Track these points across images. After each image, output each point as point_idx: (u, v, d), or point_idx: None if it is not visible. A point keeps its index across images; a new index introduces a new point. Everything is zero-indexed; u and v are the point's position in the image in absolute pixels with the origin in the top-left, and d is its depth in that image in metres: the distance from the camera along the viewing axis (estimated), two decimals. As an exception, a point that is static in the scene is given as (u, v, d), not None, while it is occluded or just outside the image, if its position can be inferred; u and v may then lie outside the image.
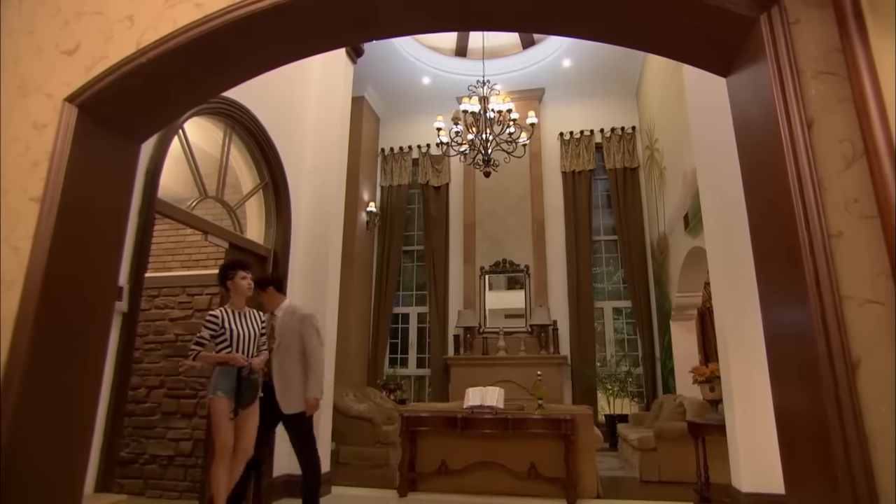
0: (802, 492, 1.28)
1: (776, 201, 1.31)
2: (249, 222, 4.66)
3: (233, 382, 3.26)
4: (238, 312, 3.43)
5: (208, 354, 3.31)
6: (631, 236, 8.86)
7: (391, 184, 9.99)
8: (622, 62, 8.87)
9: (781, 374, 1.35)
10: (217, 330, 3.32)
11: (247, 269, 3.51)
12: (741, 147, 1.52)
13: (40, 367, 1.60)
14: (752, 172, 1.46)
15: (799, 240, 1.20)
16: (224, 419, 3.20)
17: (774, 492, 3.74)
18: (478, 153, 6.92)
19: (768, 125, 1.32)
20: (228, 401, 3.24)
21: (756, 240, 1.47)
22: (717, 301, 4.34)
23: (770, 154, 1.32)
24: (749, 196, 1.49)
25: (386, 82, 9.65)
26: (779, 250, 1.33)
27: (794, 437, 1.30)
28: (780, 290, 1.33)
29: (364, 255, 9.44)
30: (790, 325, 1.31)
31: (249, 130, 4.32)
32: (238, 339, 3.33)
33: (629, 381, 8.36)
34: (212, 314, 3.37)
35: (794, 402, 1.30)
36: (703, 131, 4.56)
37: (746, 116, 1.46)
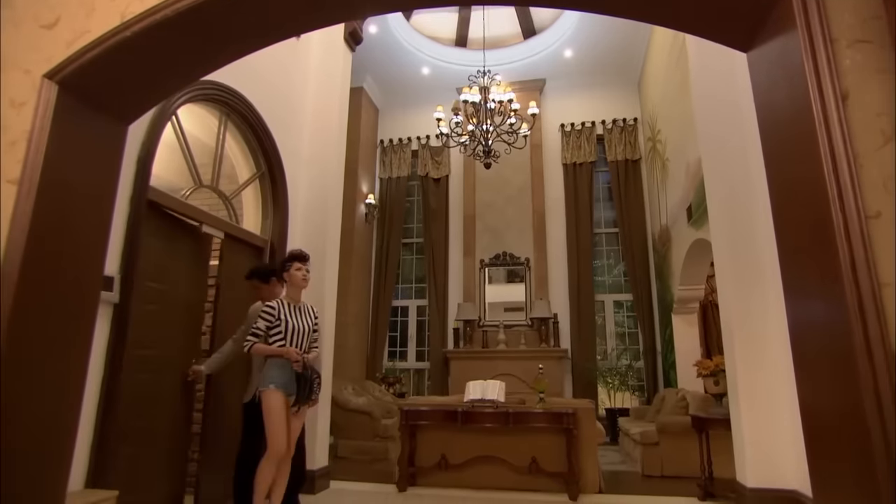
0: (832, 493, 1.19)
1: (805, 180, 1.22)
2: (246, 213, 4.57)
3: (287, 376, 3.16)
4: (294, 305, 3.36)
5: (262, 346, 3.22)
6: (632, 229, 8.78)
7: (390, 176, 9.88)
8: (624, 53, 8.76)
9: (809, 367, 1.27)
10: (273, 321, 3.24)
11: (303, 261, 3.43)
12: (764, 125, 1.43)
13: (19, 358, 1.51)
14: (776, 151, 1.36)
15: (832, 222, 1.11)
16: (277, 414, 3.09)
17: (781, 487, 3.68)
18: (478, 144, 6.81)
19: (797, 100, 1.23)
20: (283, 394, 3.14)
21: (780, 223, 1.38)
22: (722, 293, 4.26)
23: (799, 130, 1.23)
24: (772, 177, 1.40)
25: (385, 73, 9.52)
26: (807, 234, 1.24)
27: (824, 435, 1.22)
28: (809, 277, 1.24)
29: (363, 247, 9.34)
30: (820, 314, 1.22)
31: (245, 118, 4.22)
32: (293, 333, 3.24)
33: (630, 374, 8.29)
34: (268, 304, 3.29)
35: (823, 398, 1.22)
36: (709, 120, 4.47)
37: (771, 92, 1.36)
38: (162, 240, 3.35)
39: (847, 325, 1.07)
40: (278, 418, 3.09)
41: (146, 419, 3.18)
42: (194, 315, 3.69)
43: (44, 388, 1.59)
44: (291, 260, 3.39)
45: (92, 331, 1.81)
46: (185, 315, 3.60)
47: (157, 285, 3.31)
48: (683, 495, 4.22)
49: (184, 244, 3.56)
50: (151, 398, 3.22)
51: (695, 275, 6.80)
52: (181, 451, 3.48)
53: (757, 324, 3.90)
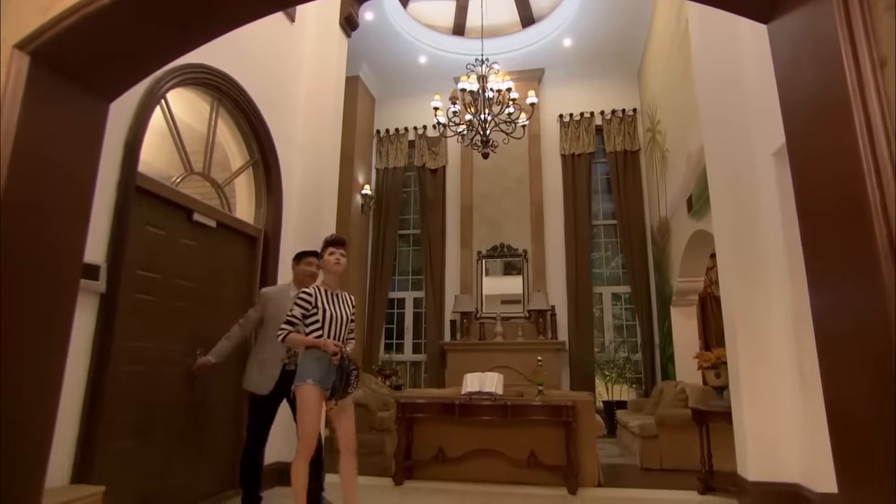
0: (859, 486, 1.12)
1: (834, 156, 1.13)
2: (239, 201, 4.46)
3: (324, 369, 2.99)
4: (331, 292, 3.17)
5: (298, 336, 3.05)
6: (631, 220, 8.71)
7: (387, 166, 9.76)
8: (624, 42, 8.65)
9: (836, 358, 1.19)
10: (309, 309, 3.06)
11: (337, 245, 3.22)
12: (787, 101, 1.34)
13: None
14: (800, 127, 1.27)
15: (868, 200, 1.02)
16: (312, 410, 2.94)
17: (783, 480, 3.63)
18: (476, 134, 6.71)
19: (827, 70, 1.14)
20: (320, 390, 2.97)
21: (804, 205, 1.29)
22: (724, 285, 4.20)
23: (828, 103, 1.14)
24: (795, 154, 1.31)
25: (381, 61, 9.38)
26: (837, 214, 1.15)
27: (851, 428, 1.14)
28: (838, 261, 1.15)
29: (359, 238, 9.24)
30: (850, 302, 1.13)
31: (238, 104, 4.10)
32: (330, 322, 3.07)
33: (627, 367, 8.25)
34: (305, 291, 3.11)
35: (852, 390, 1.14)
36: (712, 106, 4.39)
37: (795, 64, 1.27)
38: (154, 228, 3.24)
39: (885, 316, 0.98)
40: (313, 415, 2.94)
41: (140, 413, 3.09)
42: (196, 306, 3.59)
43: (18, 379, 1.49)
44: (326, 245, 3.24)
45: (70, 320, 1.71)
46: (186, 306, 3.49)
47: (151, 275, 3.21)
48: (683, 489, 4.17)
49: (177, 233, 3.45)
50: (146, 391, 3.13)
51: (694, 267, 6.74)
52: (179, 446, 3.39)
53: (760, 315, 3.84)
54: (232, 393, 3.98)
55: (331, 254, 3.16)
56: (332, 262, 3.15)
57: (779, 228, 3.76)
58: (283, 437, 4.34)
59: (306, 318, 3.06)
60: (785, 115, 1.36)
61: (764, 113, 3.95)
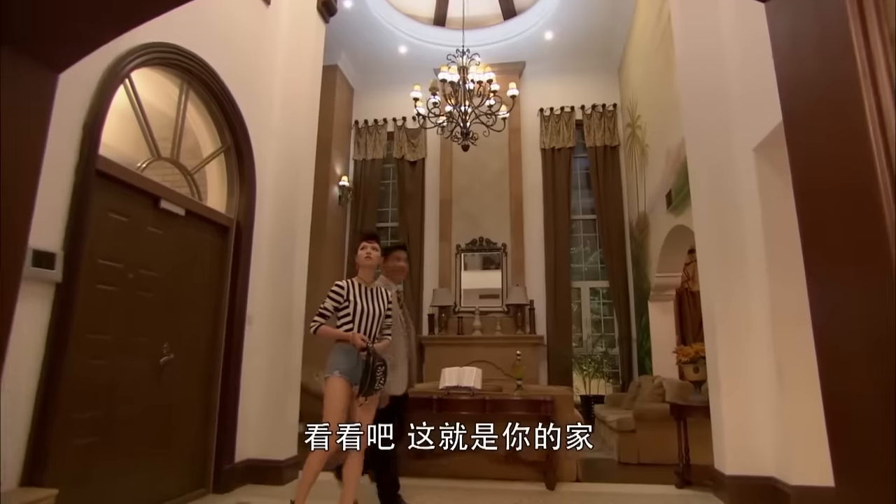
0: (859, 486, 1.07)
1: (840, 135, 1.07)
2: (210, 189, 4.28)
3: (353, 362, 2.98)
4: (365, 287, 3.18)
5: (329, 329, 3.05)
6: (610, 216, 8.72)
7: (365, 158, 9.60)
8: (605, 36, 8.64)
9: (837, 354, 1.13)
10: (341, 302, 3.07)
11: (369, 239, 3.27)
12: (786, 82, 1.27)
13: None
14: (800, 107, 1.21)
15: (877, 183, 0.96)
16: (336, 401, 2.90)
17: (758, 474, 3.64)
18: (456, 125, 6.61)
19: (832, 48, 1.07)
20: (347, 382, 2.95)
21: (802, 188, 1.23)
22: (704, 280, 4.19)
23: (834, 79, 1.08)
24: (794, 134, 1.25)
25: (361, 51, 9.21)
26: (840, 198, 1.09)
27: (853, 427, 1.08)
28: (840, 249, 1.09)
29: (336, 230, 9.08)
30: (855, 294, 1.07)
31: (209, 87, 3.92)
32: (361, 316, 3.06)
33: (605, 361, 8.28)
34: (337, 284, 3.14)
35: (856, 388, 1.08)
36: (694, 101, 4.37)
37: (796, 42, 1.21)
38: (116, 215, 3.07)
39: (891, 302, 0.92)
40: (338, 407, 2.90)
41: (101, 409, 2.93)
42: (162, 297, 3.42)
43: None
44: (360, 240, 3.29)
45: (11, 310, 1.56)
46: (152, 297, 3.33)
47: (114, 264, 3.04)
48: (661, 483, 4.16)
49: (142, 221, 3.28)
50: (108, 386, 2.97)
51: (672, 262, 6.77)
52: (144, 443, 3.23)
53: (739, 310, 3.84)
54: (201, 388, 3.83)
55: (362, 248, 3.23)
56: (362, 257, 3.22)
57: (758, 223, 3.76)
58: (256, 433, 4.21)
59: (338, 310, 3.08)
60: (783, 95, 1.29)
61: (744, 108, 3.94)
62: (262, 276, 4.43)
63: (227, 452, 3.91)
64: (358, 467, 3.01)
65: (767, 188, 3.76)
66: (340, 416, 2.91)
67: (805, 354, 3.47)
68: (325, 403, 2.93)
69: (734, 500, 3.59)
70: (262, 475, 4.12)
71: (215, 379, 3.95)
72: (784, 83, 1.28)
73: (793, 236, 3.62)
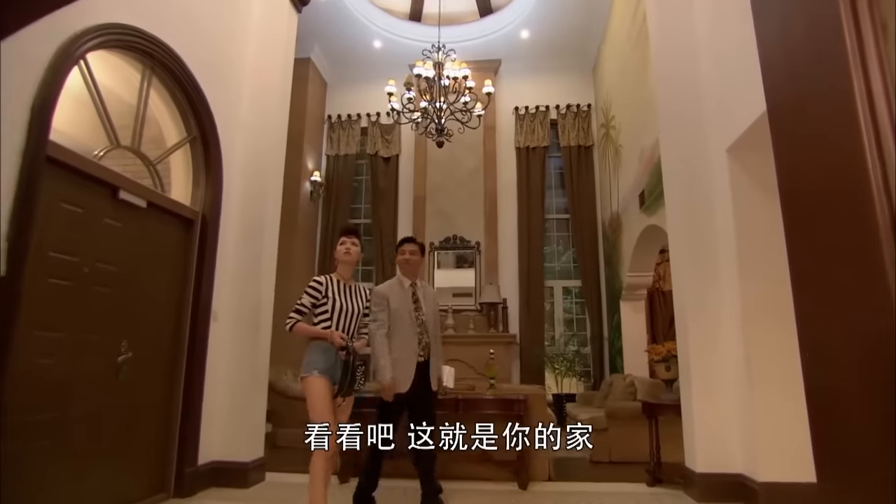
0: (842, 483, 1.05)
1: (828, 125, 1.04)
2: (174, 181, 4.11)
3: (331, 361, 2.88)
4: (344, 283, 3.09)
5: (305, 326, 2.96)
6: (583, 215, 8.77)
7: (338, 153, 9.44)
8: (581, 35, 8.68)
9: (822, 350, 1.11)
10: (319, 298, 2.98)
11: (349, 234, 3.16)
12: (770, 67, 1.24)
13: None
14: (786, 96, 1.18)
15: (867, 173, 0.93)
16: (320, 401, 2.81)
17: (728, 471, 3.68)
18: (431, 122, 6.54)
19: (823, 33, 1.04)
20: (327, 380, 2.86)
21: (787, 179, 1.20)
22: (676, 279, 4.21)
23: (823, 68, 1.05)
24: (779, 124, 1.22)
25: (334, 44, 9.05)
26: (827, 189, 1.06)
27: (837, 425, 1.06)
28: (828, 243, 1.06)
29: (308, 226, 8.90)
30: (842, 288, 1.04)
31: (174, 74, 3.76)
32: (340, 313, 2.98)
33: (577, 360, 8.33)
34: (316, 279, 3.04)
35: (841, 385, 1.05)
36: (669, 102, 4.39)
37: (784, 27, 1.17)
38: (70, 205, 2.89)
39: (882, 296, 0.89)
40: (323, 407, 2.80)
41: (54, 411, 2.76)
42: (121, 292, 3.25)
43: None
44: (339, 235, 3.20)
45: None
46: (109, 292, 3.16)
47: (67, 257, 2.86)
48: (632, 481, 4.17)
49: (99, 212, 3.11)
50: (61, 387, 2.80)
51: (644, 262, 6.83)
52: (100, 447, 3.06)
53: (711, 309, 3.87)
54: (162, 387, 3.67)
55: (341, 243, 3.14)
56: (341, 252, 3.12)
57: (730, 223, 3.79)
58: (221, 433, 4.06)
59: (315, 307, 2.99)
60: (768, 85, 1.26)
61: (718, 109, 3.97)
62: (229, 271, 4.28)
63: (189, 454, 3.75)
64: (323, 468, 2.85)
65: (739, 189, 3.79)
66: (330, 413, 2.82)
67: (774, 352, 3.53)
68: (310, 404, 2.83)
69: (704, 497, 3.62)
70: (226, 478, 3.98)
71: (178, 378, 3.79)
72: (769, 73, 1.24)
73: (763, 237, 3.68)
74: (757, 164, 3.76)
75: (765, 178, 3.75)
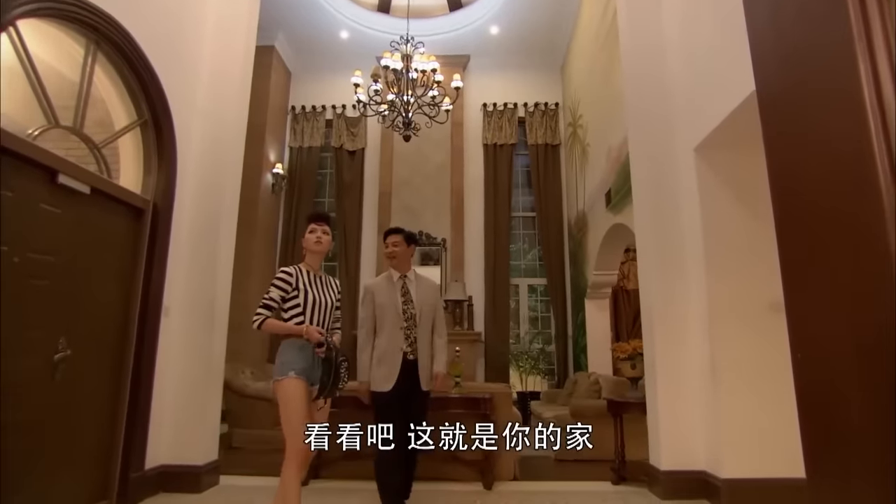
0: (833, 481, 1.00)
1: (826, 107, 0.97)
2: (123, 167, 3.85)
3: (308, 360, 2.64)
4: (314, 274, 2.85)
5: (277, 322, 2.69)
6: (549, 213, 8.79)
7: (301, 145, 9.18)
8: (550, 33, 8.68)
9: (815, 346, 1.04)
10: (289, 291, 2.72)
11: (319, 221, 2.91)
12: (760, 45, 1.18)
13: None
14: (779, 77, 1.11)
15: (874, 159, 0.86)
16: (298, 407, 2.56)
17: (691, 468, 3.70)
18: (398, 115, 6.40)
19: (823, 7, 0.97)
20: (305, 383, 2.62)
21: (777, 166, 1.14)
22: (643, 277, 4.21)
23: (822, 45, 0.98)
24: (770, 106, 1.16)
25: (299, 33, 8.78)
26: (824, 177, 0.99)
27: (830, 423, 1.00)
28: (824, 235, 1.00)
29: (269, 220, 8.62)
30: (839, 282, 0.98)
31: (122, 52, 3.50)
32: (314, 307, 2.73)
33: (541, 358, 8.34)
34: (284, 271, 2.76)
35: (836, 383, 0.99)
36: (638, 100, 4.38)
37: (775, 13, 1.11)
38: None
39: (887, 292, 0.83)
40: (299, 413, 2.56)
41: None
42: (61, 285, 3.00)
43: None
44: (307, 221, 2.94)
45: None
46: (47, 285, 2.90)
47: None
48: (597, 479, 4.16)
49: (34, 197, 2.85)
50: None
51: (610, 261, 6.87)
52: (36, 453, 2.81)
53: (678, 307, 3.88)
54: (107, 387, 3.42)
55: (311, 231, 2.89)
56: (311, 241, 2.87)
57: (697, 222, 3.80)
58: (172, 435, 3.84)
59: (286, 301, 2.73)
60: (758, 65, 1.20)
61: (687, 108, 3.98)
62: (183, 264, 4.05)
63: (135, 458, 3.52)
64: (297, 476, 2.64)
65: (707, 187, 3.81)
66: (306, 418, 2.58)
67: (739, 351, 3.56)
68: (284, 410, 2.58)
69: (668, 494, 3.62)
70: (177, 482, 3.76)
71: (124, 377, 3.54)
72: (759, 50, 1.18)
73: (730, 235, 3.70)
74: (724, 164, 3.79)
75: (732, 177, 3.79)
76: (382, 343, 3.20)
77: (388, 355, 3.17)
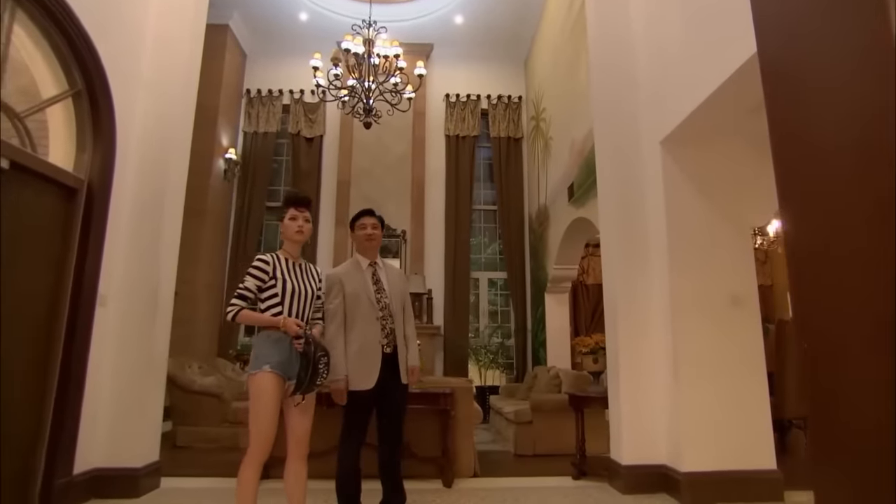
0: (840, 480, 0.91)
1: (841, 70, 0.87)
2: (53, 142, 3.50)
3: (285, 353, 2.43)
4: (293, 262, 2.63)
5: (252, 313, 2.48)
6: (510, 207, 8.74)
7: (256, 130, 8.79)
8: (514, 25, 8.59)
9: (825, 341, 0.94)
10: (266, 280, 2.51)
11: (300, 207, 2.66)
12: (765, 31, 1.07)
13: None
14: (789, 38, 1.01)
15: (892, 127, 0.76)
16: (268, 404, 2.37)
17: (652, 462, 3.68)
18: (358, 101, 6.18)
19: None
20: (280, 378, 2.41)
21: (781, 136, 1.04)
22: (607, 271, 4.17)
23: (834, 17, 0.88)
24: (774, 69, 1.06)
25: (256, 13, 8.39)
26: (836, 146, 0.89)
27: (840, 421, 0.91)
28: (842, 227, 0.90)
29: (220, 207, 8.21)
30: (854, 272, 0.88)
31: (49, 12, 3.16)
32: (292, 297, 2.53)
33: (500, 352, 8.29)
34: (261, 258, 2.53)
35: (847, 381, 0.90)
36: (604, 93, 4.34)
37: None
38: None
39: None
40: (268, 410, 2.38)
41: None
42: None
43: None
44: (285, 204, 2.67)
45: None
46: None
47: None
48: (557, 475, 4.10)
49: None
50: None
51: (571, 255, 6.87)
52: None
53: (641, 301, 3.85)
54: (29, 385, 3.10)
55: (291, 218, 2.64)
56: (291, 229, 2.64)
57: (662, 216, 3.78)
58: (107, 436, 3.54)
59: (262, 291, 2.53)
60: (760, 26, 1.09)
61: (653, 101, 3.96)
62: (122, 249, 3.73)
63: (62, 462, 3.20)
64: (254, 478, 2.48)
65: (671, 181, 3.79)
66: (275, 418, 2.41)
67: (701, 345, 3.56)
68: (253, 405, 2.40)
69: (629, 489, 3.60)
70: (111, 487, 3.47)
71: (51, 372, 3.22)
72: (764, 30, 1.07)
73: (694, 230, 3.68)
74: (689, 158, 3.78)
75: (697, 172, 3.78)
76: (357, 337, 2.90)
77: (366, 350, 2.89)
